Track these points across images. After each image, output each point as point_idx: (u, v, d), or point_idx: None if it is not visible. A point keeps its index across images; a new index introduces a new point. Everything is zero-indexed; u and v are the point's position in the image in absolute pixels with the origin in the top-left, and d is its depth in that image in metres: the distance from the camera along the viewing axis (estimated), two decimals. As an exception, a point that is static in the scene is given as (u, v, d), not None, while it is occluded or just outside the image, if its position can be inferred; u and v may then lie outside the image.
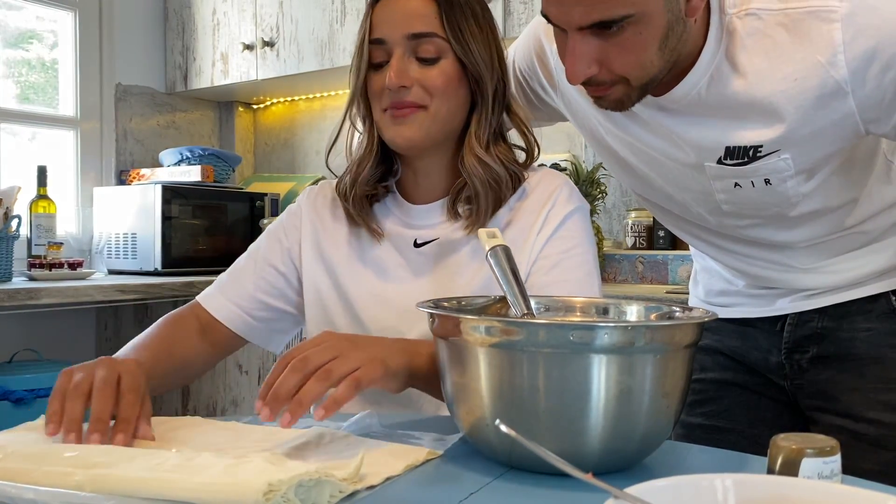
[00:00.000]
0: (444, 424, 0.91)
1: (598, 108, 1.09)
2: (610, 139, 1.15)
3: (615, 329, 0.70)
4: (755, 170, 1.01)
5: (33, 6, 3.13)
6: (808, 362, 1.17)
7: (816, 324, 1.16)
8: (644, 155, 1.11)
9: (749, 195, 1.05)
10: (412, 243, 1.14)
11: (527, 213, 1.12)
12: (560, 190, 1.13)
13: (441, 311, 0.80)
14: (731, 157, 1.02)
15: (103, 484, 0.67)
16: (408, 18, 1.08)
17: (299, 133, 3.52)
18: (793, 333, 1.18)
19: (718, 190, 1.07)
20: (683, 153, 1.05)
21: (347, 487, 0.68)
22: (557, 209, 1.11)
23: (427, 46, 1.07)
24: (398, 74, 1.06)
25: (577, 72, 0.95)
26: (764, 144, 0.99)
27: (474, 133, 1.11)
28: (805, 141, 0.98)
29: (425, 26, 1.07)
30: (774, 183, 1.02)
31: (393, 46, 1.08)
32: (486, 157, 1.10)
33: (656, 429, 0.74)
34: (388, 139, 1.11)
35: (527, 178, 1.15)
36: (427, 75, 1.07)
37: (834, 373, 1.16)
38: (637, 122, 1.08)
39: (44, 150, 3.13)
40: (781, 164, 1.00)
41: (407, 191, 1.18)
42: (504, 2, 2.48)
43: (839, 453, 0.62)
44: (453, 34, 1.08)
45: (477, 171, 1.09)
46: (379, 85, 1.09)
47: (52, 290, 2.34)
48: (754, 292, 1.21)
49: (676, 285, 2.36)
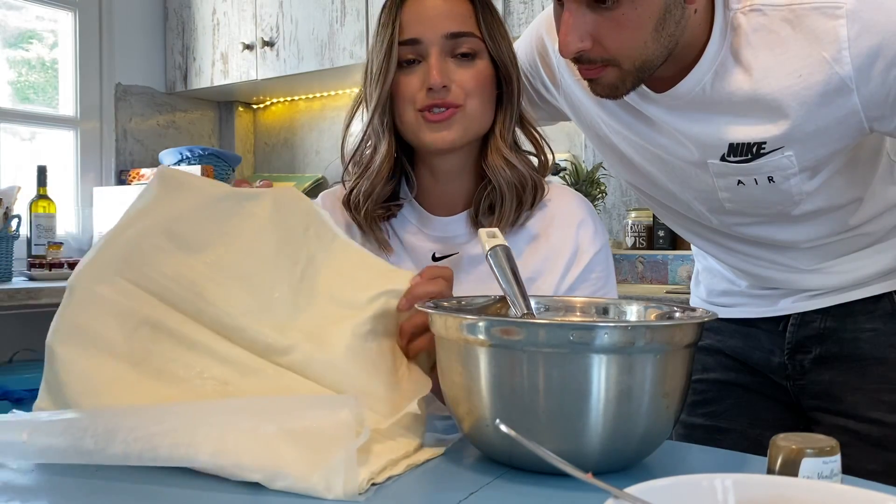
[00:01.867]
0: (444, 424, 0.91)
1: (600, 106, 1.08)
2: (613, 137, 1.14)
3: (615, 329, 0.70)
4: (759, 167, 1.01)
5: (33, 6, 3.13)
6: (811, 363, 1.17)
7: (819, 324, 1.16)
8: (647, 152, 1.11)
9: (752, 193, 1.05)
10: (430, 257, 1.12)
11: (552, 241, 1.10)
12: (585, 221, 1.11)
13: (441, 311, 0.80)
14: (734, 154, 1.02)
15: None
16: (444, 17, 1.06)
17: (299, 133, 3.52)
18: (795, 334, 1.18)
19: (721, 188, 1.06)
20: (687, 150, 1.05)
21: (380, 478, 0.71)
22: (586, 246, 1.10)
23: (465, 45, 1.06)
24: (441, 73, 1.04)
25: (569, 43, 0.95)
26: (767, 141, 0.99)
27: (499, 133, 1.09)
28: (809, 138, 0.98)
29: (463, 25, 1.06)
30: (778, 181, 1.02)
31: (429, 46, 1.05)
32: (512, 158, 1.08)
33: (656, 429, 0.74)
34: (426, 142, 1.07)
35: (547, 191, 1.13)
36: (465, 75, 1.06)
37: (837, 373, 1.16)
38: (641, 119, 1.08)
39: (44, 150, 3.13)
40: (785, 162, 1.00)
41: (427, 199, 1.14)
42: (504, 2, 2.48)
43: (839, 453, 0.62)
44: (489, 34, 1.07)
45: (504, 172, 1.08)
46: (413, 86, 1.06)
47: (52, 290, 2.34)
48: (757, 292, 1.21)
49: (676, 285, 2.36)
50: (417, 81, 1.06)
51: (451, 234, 1.13)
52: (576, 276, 1.09)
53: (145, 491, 0.69)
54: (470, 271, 1.10)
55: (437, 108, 1.05)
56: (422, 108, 1.06)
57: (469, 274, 1.10)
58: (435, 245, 1.12)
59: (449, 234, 1.13)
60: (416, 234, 1.13)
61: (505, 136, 1.09)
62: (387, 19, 1.08)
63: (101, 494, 0.68)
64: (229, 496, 0.68)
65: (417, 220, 1.14)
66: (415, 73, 1.06)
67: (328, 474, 0.67)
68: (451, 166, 1.11)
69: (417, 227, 1.14)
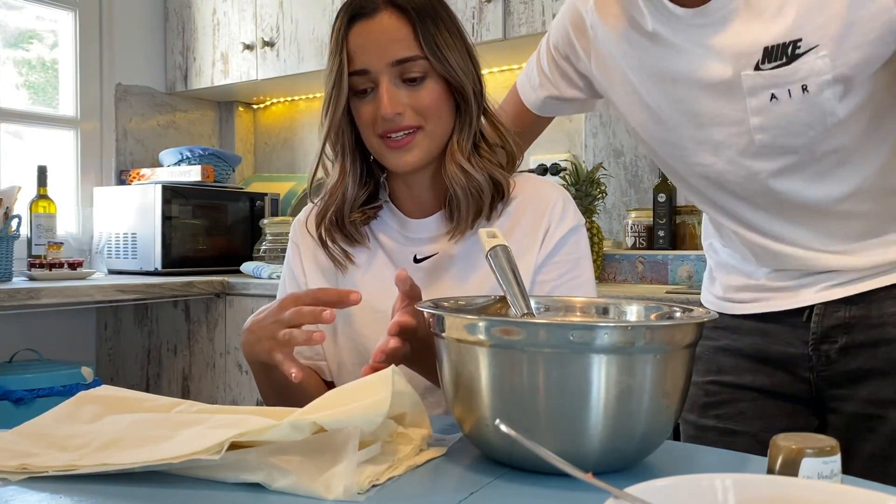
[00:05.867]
0: (444, 424, 0.91)
1: (628, 45, 1.12)
2: (642, 88, 1.15)
3: (615, 329, 0.70)
4: (793, 72, 1.02)
5: (33, 6, 3.13)
6: (837, 353, 1.16)
7: (844, 313, 1.15)
8: (676, 94, 1.12)
9: (786, 111, 1.05)
10: (412, 259, 1.15)
11: (523, 227, 1.14)
12: (556, 203, 1.15)
13: (441, 311, 0.80)
14: (769, 59, 1.03)
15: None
16: (387, 44, 1.08)
17: (299, 133, 3.52)
18: (820, 324, 1.17)
19: (753, 110, 1.06)
20: (720, 65, 1.06)
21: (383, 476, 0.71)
22: (555, 227, 1.13)
23: (412, 69, 1.08)
24: (392, 102, 1.07)
25: None
26: (803, 38, 1.00)
27: (456, 142, 1.12)
28: (842, 36, 0.99)
29: (407, 50, 1.08)
30: (812, 91, 1.03)
31: (378, 75, 1.08)
32: (467, 166, 1.11)
33: (656, 429, 0.74)
34: (389, 166, 1.13)
35: (514, 186, 1.16)
36: (417, 98, 1.09)
37: (865, 360, 1.15)
38: (670, 49, 1.09)
39: (44, 150, 3.13)
40: (819, 64, 1.01)
41: (402, 204, 1.19)
42: (504, 2, 2.48)
43: (839, 453, 0.62)
44: (432, 52, 1.09)
45: (459, 179, 1.11)
46: (369, 114, 1.10)
47: (52, 290, 2.34)
48: (777, 284, 1.19)
49: (676, 285, 2.36)
50: (373, 110, 1.09)
51: (428, 234, 1.16)
52: (546, 255, 1.12)
53: (145, 491, 0.69)
54: (450, 269, 1.13)
55: (395, 134, 1.09)
56: (381, 135, 1.10)
57: (449, 272, 1.13)
58: (415, 247, 1.16)
59: (426, 234, 1.16)
60: (397, 237, 1.17)
61: (462, 145, 1.12)
62: (335, 48, 1.10)
63: (100, 495, 0.68)
64: (229, 496, 0.68)
65: (396, 224, 1.18)
66: (370, 100, 1.10)
67: (329, 474, 0.67)
68: (419, 178, 1.16)
69: (397, 229, 1.18)
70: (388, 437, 0.77)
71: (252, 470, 0.69)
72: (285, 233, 2.86)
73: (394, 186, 1.19)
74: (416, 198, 1.18)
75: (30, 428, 0.83)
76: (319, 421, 0.69)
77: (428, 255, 1.15)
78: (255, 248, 2.97)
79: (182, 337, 2.82)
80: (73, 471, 0.71)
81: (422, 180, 1.16)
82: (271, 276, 2.65)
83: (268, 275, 2.67)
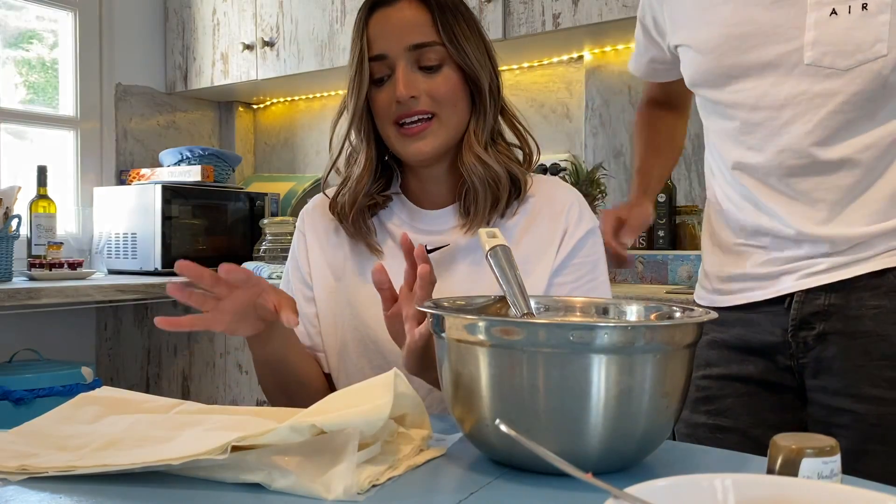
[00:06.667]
0: (444, 424, 0.91)
1: None
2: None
3: (615, 329, 0.70)
4: None
5: (33, 6, 3.13)
6: (814, 339, 1.17)
7: (823, 301, 1.16)
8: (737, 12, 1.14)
9: (841, 27, 1.08)
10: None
11: (540, 228, 1.14)
12: (572, 206, 1.15)
13: (441, 310, 0.80)
14: None
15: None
16: (405, 29, 1.10)
17: (299, 133, 3.52)
18: (800, 311, 1.17)
19: (811, 25, 1.09)
20: None
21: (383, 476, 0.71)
22: (573, 230, 1.14)
23: (429, 55, 1.10)
24: (407, 85, 1.08)
25: None
26: None
27: (473, 132, 1.13)
28: None
29: (424, 36, 1.10)
30: (871, 9, 1.06)
31: (395, 60, 1.10)
32: (485, 156, 1.11)
33: (656, 429, 0.74)
34: (402, 155, 1.13)
35: (531, 184, 1.16)
36: (433, 84, 1.10)
37: (839, 349, 1.15)
38: None
39: (44, 150, 3.13)
40: None
41: (415, 195, 1.19)
42: (504, 2, 2.48)
43: (839, 453, 0.62)
44: (449, 40, 1.10)
45: (476, 169, 1.11)
46: (385, 100, 1.11)
47: (52, 290, 2.34)
48: (761, 272, 1.20)
49: (676, 285, 2.36)
50: (389, 96, 1.10)
51: (440, 227, 1.16)
52: (563, 257, 1.13)
53: (145, 491, 0.69)
54: (461, 262, 1.14)
55: (410, 119, 1.10)
56: (395, 121, 1.10)
57: (461, 264, 1.13)
58: (425, 238, 1.15)
59: (438, 227, 1.16)
60: (408, 228, 1.17)
61: (479, 136, 1.13)
62: (356, 35, 1.13)
63: (100, 495, 0.68)
64: (229, 496, 0.68)
65: (407, 215, 1.18)
66: (386, 88, 1.11)
67: (328, 475, 0.67)
68: (432, 170, 1.16)
69: (407, 221, 1.18)
70: (389, 437, 0.77)
71: (252, 470, 0.69)
72: (285, 233, 2.86)
73: (407, 180, 1.20)
74: (429, 192, 1.18)
75: (30, 428, 0.83)
76: (319, 424, 0.69)
77: (439, 245, 1.15)
78: (254, 248, 2.97)
79: (182, 337, 2.82)
80: (73, 471, 0.71)
81: (436, 174, 1.16)
82: (271, 277, 2.65)
83: (268, 275, 2.67)
